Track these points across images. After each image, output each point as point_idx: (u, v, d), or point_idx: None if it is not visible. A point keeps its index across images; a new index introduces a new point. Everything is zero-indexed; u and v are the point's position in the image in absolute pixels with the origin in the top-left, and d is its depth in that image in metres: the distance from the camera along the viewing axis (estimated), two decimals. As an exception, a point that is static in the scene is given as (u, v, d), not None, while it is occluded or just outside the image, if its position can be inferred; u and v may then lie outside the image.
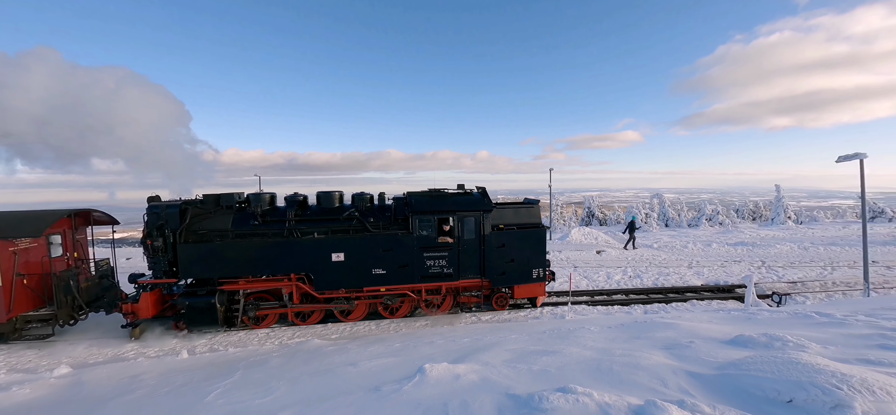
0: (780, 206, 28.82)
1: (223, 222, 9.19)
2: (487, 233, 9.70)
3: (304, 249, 9.19)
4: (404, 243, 9.42)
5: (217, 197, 9.51)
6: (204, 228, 9.08)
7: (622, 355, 4.38)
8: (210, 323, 8.92)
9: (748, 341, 4.49)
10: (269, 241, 9.11)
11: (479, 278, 9.80)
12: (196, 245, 8.86)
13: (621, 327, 6.52)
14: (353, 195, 10.17)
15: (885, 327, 4.85)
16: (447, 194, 9.98)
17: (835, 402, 2.71)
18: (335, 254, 9.25)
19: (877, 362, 3.58)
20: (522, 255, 9.89)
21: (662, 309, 10.22)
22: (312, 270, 9.28)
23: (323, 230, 9.36)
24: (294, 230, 9.29)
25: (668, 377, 3.59)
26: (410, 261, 9.48)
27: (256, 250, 9.04)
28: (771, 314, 6.77)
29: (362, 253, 9.34)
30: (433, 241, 9.55)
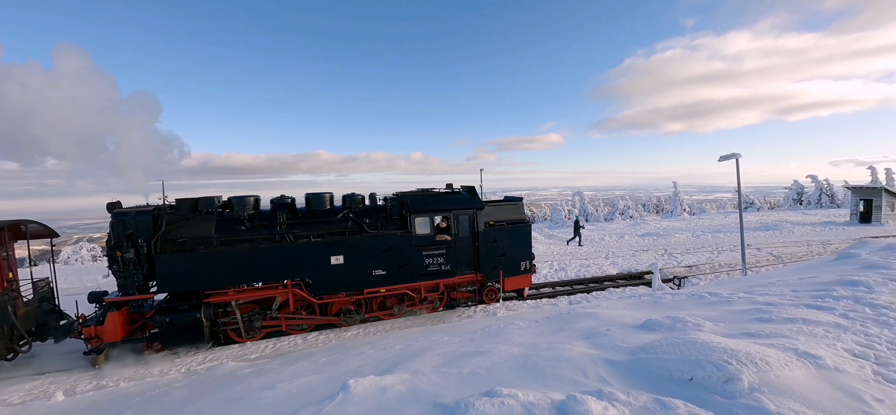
0: (677, 200, 32.87)
1: (205, 229, 8.41)
2: (481, 230, 10.08)
3: (301, 254, 8.79)
4: (403, 243, 9.45)
5: (194, 201, 8.70)
6: (183, 235, 8.23)
7: (547, 349, 4.50)
8: (194, 340, 8.15)
9: (656, 324, 4.89)
10: (260, 247, 8.55)
11: (473, 274, 10.18)
12: (177, 255, 8.05)
13: (548, 319, 6.79)
14: (343, 196, 9.98)
15: (759, 302, 5.61)
16: (442, 194, 10.34)
17: (727, 376, 2.99)
18: (334, 257, 8.98)
19: (756, 334, 4.09)
20: (512, 249, 10.42)
21: (585, 299, 10.94)
22: (310, 275, 8.96)
23: (317, 233, 9.01)
24: (286, 234, 8.79)
25: (588, 367, 3.73)
26: (410, 260, 9.53)
27: (247, 257, 8.46)
28: (673, 297, 7.53)
29: (362, 255, 9.18)
30: (431, 239, 9.70)
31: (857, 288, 5.72)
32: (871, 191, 24.85)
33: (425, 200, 9.87)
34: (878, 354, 3.54)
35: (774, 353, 3.30)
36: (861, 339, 3.89)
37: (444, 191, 10.61)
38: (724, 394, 2.91)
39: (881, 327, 4.25)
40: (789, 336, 3.89)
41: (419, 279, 9.72)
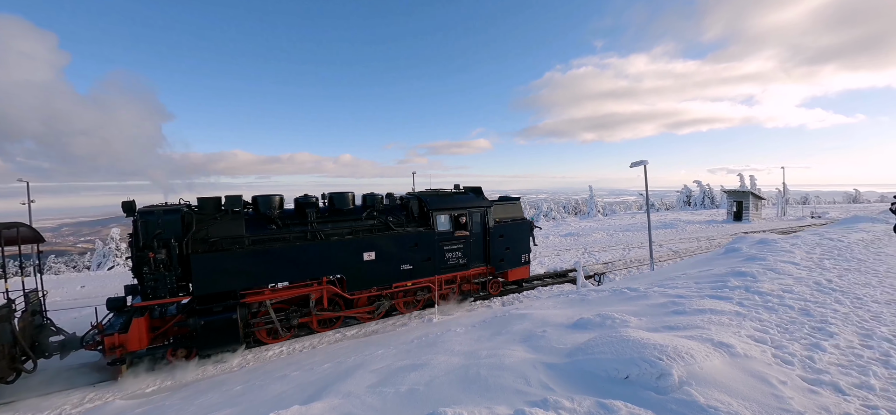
0: (593, 202, 35.94)
1: (236, 228, 8.21)
2: (491, 226, 11.00)
3: (335, 251, 8.93)
4: (427, 239, 10.01)
5: (216, 200, 8.46)
6: (214, 235, 7.97)
7: (487, 357, 4.37)
8: (229, 343, 7.85)
9: (587, 322, 5.04)
10: (295, 245, 8.56)
11: (484, 266, 11.04)
12: (212, 255, 7.77)
13: (483, 323, 6.73)
14: (364, 196, 10.25)
15: (671, 295, 6.13)
16: (457, 193, 11.33)
17: (659, 372, 3.10)
18: (366, 253, 9.23)
19: (675, 326, 4.39)
20: (515, 243, 11.44)
21: (516, 299, 11.22)
22: (344, 271, 9.11)
23: (347, 231, 9.21)
24: (318, 232, 8.88)
25: (529, 373, 3.66)
26: (432, 254, 10.11)
27: (282, 256, 8.42)
28: (598, 294, 7.99)
29: (391, 251, 9.56)
30: (451, 235, 10.41)
31: (745, 278, 6.55)
32: (741, 194, 29.63)
33: (444, 199, 10.68)
34: (772, 338, 3.99)
35: (695, 345, 3.53)
36: (757, 325, 4.38)
37: (455, 191, 11.49)
38: (658, 390, 3.00)
39: (769, 312, 4.85)
40: (703, 327, 4.23)
41: (441, 272, 10.32)
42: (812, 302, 5.24)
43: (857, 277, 6.64)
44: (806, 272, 6.97)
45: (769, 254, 8.47)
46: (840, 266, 7.51)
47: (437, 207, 10.27)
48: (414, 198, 10.72)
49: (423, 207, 10.37)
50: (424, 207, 10.28)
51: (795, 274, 6.83)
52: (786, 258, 8.01)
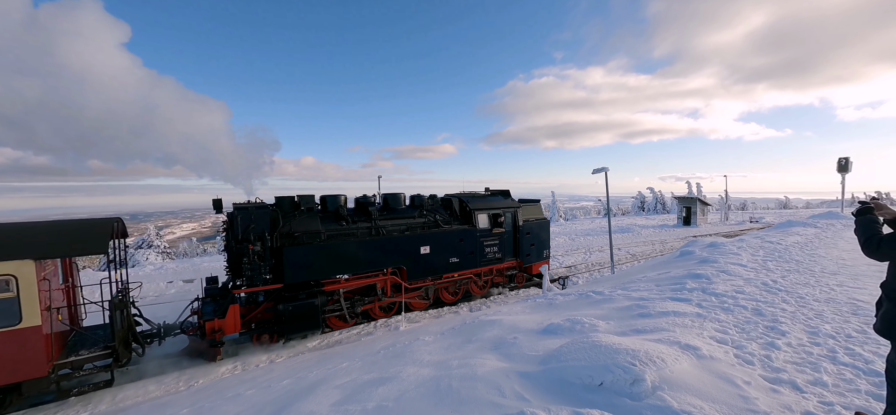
0: (555, 207, 36.99)
1: (313, 223, 9.10)
2: (520, 224, 12.32)
3: (399, 245, 9.89)
4: (470, 235, 11.19)
5: (292, 199, 9.37)
6: (296, 230, 8.82)
7: (459, 367, 4.22)
8: (310, 328, 8.59)
9: (557, 328, 5.03)
10: (365, 239, 9.44)
11: (514, 260, 12.33)
12: (300, 247, 8.60)
13: (453, 331, 6.57)
14: (411, 196, 11.32)
15: (635, 297, 6.29)
16: (490, 195, 12.80)
17: (633, 378, 3.08)
18: (423, 247, 10.23)
19: (642, 329, 4.46)
20: (539, 240, 12.88)
21: (484, 304, 11.18)
22: (405, 263, 10.04)
23: (403, 227, 10.18)
24: (381, 228, 9.80)
25: (503, 384, 3.55)
26: (475, 249, 11.27)
27: (354, 249, 9.24)
28: (564, 298, 8.09)
29: (443, 245, 10.62)
30: (489, 232, 11.59)
31: (701, 280, 6.86)
32: (690, 200, 31.63)
33: (481, 199, 12.12)
34: (732, 338, 4.14)
35: (664, 348, 3.57)
36: (717, 325, 4.54)
37: (487, 193, 12.95)
38: (632, 396, 2.98)
39: (726, 312, 5.07)
40: (668, 329, 4.33)
41: (481, 265, 11.50)
42: (762, 302, 5.54)
43: (798, 278, 7.15)
44: (753, 274, 7.42)
45: (720, 256, 8.97)
46: (782, 267, 8.08)
47: (477, 207, 11.53)
48: (455, 198, 11.93)
49: (464, 206, 11.64)
50: (466, 207, 11.54)
51: (744, 275, 7.25)
52: (734, 260, 8.51)
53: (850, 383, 3.26)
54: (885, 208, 2.47)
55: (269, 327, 8.56)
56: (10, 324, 5.64)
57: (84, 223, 6.86)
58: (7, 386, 5.79)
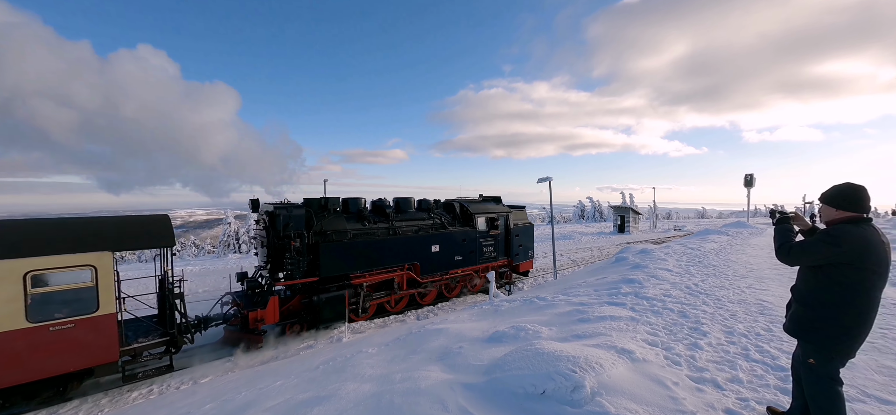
0: (503, 214, 38.00)
1: (340, 223, 9.79)
2: (512, 227, 13.75)
3: (413, 244, 10.88)
4: (472, 236, 12.44)
5: (319, 200, 10.08)
6: (327, 228, 9.54)
7: (402, 381, 4.04)
8: (338, 318, 9.27)
9: (502, 335, 5.03)
10: (385, 239, 10.29)
11: (505, 259, 13.73)
12: (336, 244, 9.42)
13: (398, 341, 6.35)
14: (418, 201, 12.33)
15: (575, 303, 6.52)
16: (485, 200, 14.31)
17: (573, 385, 3.11)
18: (433, 246, 11.31)
19: (582, 334, 4.58)
20: (525, 241, 14.43)
21: (432, 312, 11.04)
22: (419, 260, 11.01)
23: (415, 228, 11.12)
24: (398, 228, 10.67)
25: (447, 397, 3.42)
26: (475, 249, 12.55)
27: (377, 247, 10.10)
28: (509, 304, 8.21)
29: (449, 244, 11.78)
30: (487, 234, 12.94)
31: (634, 285, 7.29)
32: (624, 209, 34.08)
33: (480, 204, 13.62)
34: (662, 340, 4.39)
35: (602, 353, 3.67)
36: (649, 328, 4.80)
37: (482, 198, 14.41)
38: (573, 403, 3.00)
39: (656, 315, 5.39)
40: (606, 334, 4.49)
41: (479, 263, 12.74)
42: (686, 305, 5.99)
43: (715, 281, 7.87)
44: (678, 278, 8.05)
45: (650, 262, 9.65)
46: (702, 271, 8.86)
47: (477, 211, 12.81)
48: (456, 202, 13.18)
49: (465, 210, 12.86)
50: (467, 211, 12.76)
51: (671, 280, 7.84)
52: (662, 266, 9.20)
53: (761, 378, 3.56)
54: (801, 220, 2.73)
55: (300, 317, 9.23)
56: (89, 311, 6.07)
57: (152, 218, 7.17)
58: (78, 371, 6.13)
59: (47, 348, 5.74)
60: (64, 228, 6.24)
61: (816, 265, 2.47)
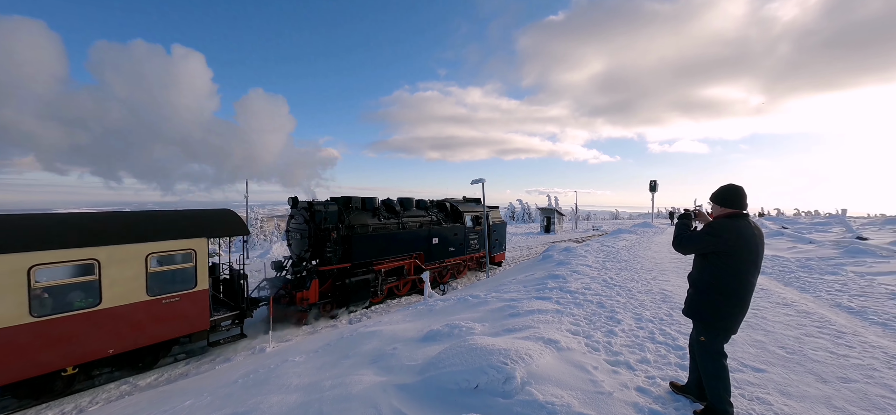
0: (438, 216, 38.38)
1: (363, 218, 11.49)
2: (491, 224, 16.10)
3: (419, 236, 12.93)
4: (462, 231, 14.73)
5: (345, 199, 11.64)
6: (354, 222, 11.12)
7: (332, 387, 3.83)
8: (364, 299, 10.87)
9: (437, 334, 5.03)
10: (398, 232, 12.23)
11: (484, 252, 15.53)
12: (363, 235, 11.07)
13: (328, 347, 6.05)
14: (416, 201, 14.07)
15: (506, 299, 6.77)
16: (470, 200, 16.91)
17: (504, 377, 3.20)
18: (434, 238, 13.45)
19: (513, 328, 4.76)
20: (500, 236, 17.40)
21: (365, 316, 10.71)
22: (423, 250, 13.07)
23: (417, 223, 13.20)
24: (406, 223, 12.74)
25: (380, 400, 3.32)
26: (464, 242, 14.84)
27: (393, 238, 12.03)
28: (444, 303, 8.27)
29: (445, 237, 13.94)
30: (473, 229, 15.32)
31: (559, 280, 7.79)
32: (550, 211, 36.42)
33: (465, 204, 15.95)
34: (583, 329, 4.73)
35: (531, 344, 3.84)
36: (572, 319, 5.15)
37: (465, 199, 16.96)
38: (505, 394, 3.09)
39: (578, 307, 5.80)
40: (534, 326, 4.71)
41: (467, 254, 15.16)
42: (604, 296, 6.55)
43: (627, 274, 8.73)
44: (597, 272, 8.78)
45: (572, 259, 10.39)
46: (616, 266, 9.77)
47: (466, 210, 15.26)
48: (447, 202, 15.40)
49: (455, 208, 15.14)
50: (457, 209, 15.10)
51: (590, 274, 8.51)
52: (583, 262, 9.97)
53: (664, 358, 4.00)
54: (701, 216, 3.10)
55: (332, 297, 10.51)
56: (191, 287, 7.37)
57: (229, 212, 8.57)
58: (175, 338, 7.41)
59: (161, 317, 7.03)
60: (174, 219, 7.64)
61: (703, 254, 2.84)
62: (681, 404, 3.05)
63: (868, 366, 3.90)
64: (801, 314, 5.70)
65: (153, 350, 7.31)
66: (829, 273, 9.08)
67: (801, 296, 7.06)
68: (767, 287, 7.64)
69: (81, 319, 6.15)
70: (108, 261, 6.38)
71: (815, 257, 11.82)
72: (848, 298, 6.67)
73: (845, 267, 9.81)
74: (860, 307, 6.12)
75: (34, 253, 5.72)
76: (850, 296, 6.85)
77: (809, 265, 10.30)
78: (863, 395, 3.33)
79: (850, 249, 12.46)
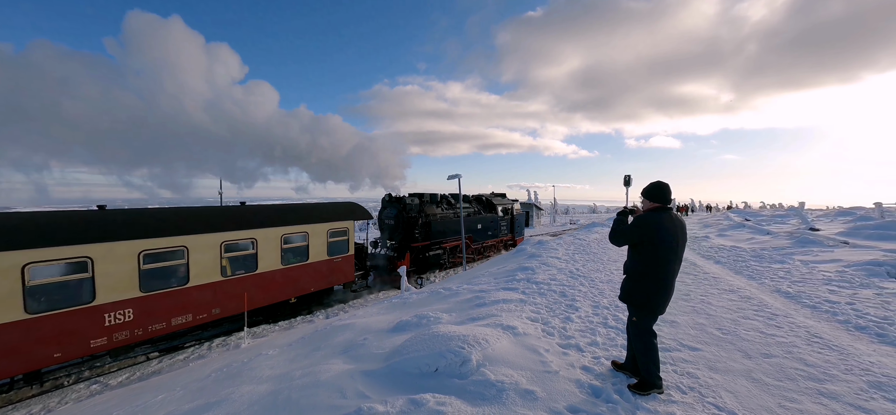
0: (418, 211, 38.56)
1: (434, 209, 16.01)
2: (514, 214, 21.78)
3: (470, 223, 17.34)
4: (495, 219, 19.63)
5: (419, 194, 16.23)
6: (427, 212, 15.50)
7: (302, 376, 4.02)
8: (436, 267, 15.72)
9: (406, 324, 5.26)
10: (454, 219, 16.54)
11: (510, 235, 21.31)
12: (436, 221, 15.66)
13: (302, 340, 6.20)
14: (462, 196, 16.64)
15: (476, 290, 7.06)
16: (497, 195, 21.48)
17: (461, 360, 3.46)
18: (478, 224, 18.14)
19: (477, 317, 5.04)
20: (521, 224, 22.89)
21: (342, 310, 10.85)
22: (471, 233, 17.65)
23: (467, 212, 17.65)
24: (459, 212, 16.32)
25: (346, 386, 3.53)
26: (497, 227, 19.84)
27: (451, 224, 16.41)
28: (418, 296, 8.51)
29: (486, 223, 18.75)
30: (502, 218, 20.42)
31: (527, 272, 8.13)
32: (528, 205, 37.10)
33: (496, 198, 20.80)
34: (542, 317, 5.05)
35: (490, 331, 4.12)
36: (534, 308, 5.47)
37: (494, 195, 21.23)
38: (461, 375, 3.35)
39: (542, 296, 6.14)
40: (497, 315, 5.00)
41: (498, 237, 19.99)
42: (567, 286, 6.92)
43: (593, 266, 9.16)
44: (565, 264, 9.19)
45: (544, 252, 10.79)
46: (584, 258, 10.22)
47: (497, 203, 20.07)
48: (483, 197, 20.22)
49: (489, 201, 19.85)
50: (490, 202, 19.82)
51: (558, 266, 8.91)
52: (553, 255, 10.37)
53: (613, 341, 4.35)
54: (637, 212, 3.42)
55: (415, 267, 14.80)
56: (346, 253, 11.68)
57: (358, 205, 12.76)
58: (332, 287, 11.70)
59: (333, 270, 11.29)
60: (338, 207, 11.85)
61: (632, 244, 3.16)
62: (618, 380, 3.38)
63: (790, 343, 4.36)
64: (743, 299, 6.21)
65: (327, 291, 11.54)
66: (778, 262, 9.77)
67: (747, 283, 7.63)
68: (718, 275, 8.21)
69: (302, 268, 10.38)
70: (312, 233, 10.61)
71: (769, 247, 12.63)
72: (788, 284, 7.27)
73: (793, 256, 10.56)
74: (797, 292, 6.69)
75: (282, 227, 9.87)
76: (791, 282, 7.46)
77: (762, 255, 11.02)
78: (779, 368, 3.76)
79: (801, 239, 13.36)
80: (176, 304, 7.82)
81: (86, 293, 6.73)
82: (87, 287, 6.75)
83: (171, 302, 7.75)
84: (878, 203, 21.90)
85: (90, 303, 6.75)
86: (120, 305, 7.07)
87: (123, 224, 7.32)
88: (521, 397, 3.02)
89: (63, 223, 6.76)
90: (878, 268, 8.08)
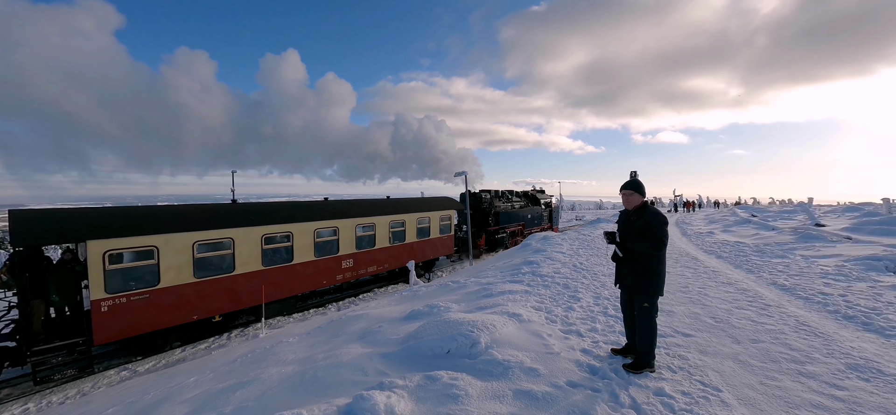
0: (425, 208, 39.15)
1: (498, 202, 20.37)
2: (552, 207, 27.22)
3: (522, 214, 22.32)
4: (538, 211, 24.49)
5: (488, 190, 20.73)
6: (494, 204, 19.89)
7: (325, 358, 4.39)
8: (502, 246, 20.01)
9: (418, 313, 5.63)
10: (511, 211, 21.13)
11: (549, 224, 26.19)
12: (502, 212, 20.18)
13: (319, 329, 6.59)
14: (510, 191, 22.83)
15: (483, 283, 7.40)
16: (539, 191, 26.54)
17: (471, 342, 3.81)
18: (529, 214, 22.99)
19: (485, 307, 5.38)
20: (556, 215, 28.48)
21: (353, 303, 11.25)
22: (524, 222, 22.43)
23: (520, 205, 22.58)
24: (514, 205, 21.83)
25: (366, 365, 3.90)
26: (541, 217, 24.95)
27: (514, 214, 21.30)
28: (427, 289, 8.88)
29: (533, 215, 23.56)
30: (544, 210, 25.67)
31: (532, 266, 8.45)
32: (534, 201, 37.43)
33: (538, 193, 25.74)
34: (546, 306, 5.38)
35: (497, 318, 4.46)
36: (537, 298, 5.80)
37: (534, 191, 26.09)
38: (471, 356, 3.70)
39: (546, 288, 6.46)
40: (503, 304, 5.34)
41: (541, 226, 24.78)
42: (570, 279, 7.23)
43: (596, 260, 9.46)
44: (569, 258, 9.49)
45: (549, 247, 11.10)
46: (588, 253, 10.51)
47: (540, 198, 25.10)
48: (529, 192, 25.02)
49: (534, 196, 24.68)
50: (535, 197, 24.69)
51: (563, 260, 9.21)
52: (558, 249, 10.67)
53: (612, 328, 4.67)
54: (612, 235, 3.81)
55: (486, 246, 19.16)
56: (449, 233, 16.61)
57: (453, 199, 17.52)
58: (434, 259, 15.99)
59: (442, 245, 16.08)
60: (443, 201, 16.67)
61: (644, 240, 3.47)
62: (615, 362, 3.71)
63: (779, 331, 4.65)
64: (739, 291, 6.48)
65: (434, 261, 15.92)
66: (778, 257, 9.98)
67: (745, 276, 7.88)
68: (718, 269, 8.47)
69: (426, 242, 15.09)
70: (432, 218, 15.18)
71: (772, 243, 12.80)
72: (784, 278, 7.51)
73: (795, 251, 10.74)
74: (792, 285, 6.94)
75: (416, 213, 14.67)
76: (788, 276, 7.70)
77: (764, 250, 11.22)
78: (765, 351, 4.05)
79: (804, 235, 13.50)
80: (291, 277, 10.31)
81: (227, 265, 9.00)
82: (228, 261, 9.02)
83: (287, 275, 10.20)
84: (885, 199, 21.84)
85: (230, 273, 9.01)
86: (250, 277, 9.43)
87: (251, 213, 9.74)
88: (526, 373, 3.36)
89: (219, 212, 9.23)
90: (877, 263, 8.28)
